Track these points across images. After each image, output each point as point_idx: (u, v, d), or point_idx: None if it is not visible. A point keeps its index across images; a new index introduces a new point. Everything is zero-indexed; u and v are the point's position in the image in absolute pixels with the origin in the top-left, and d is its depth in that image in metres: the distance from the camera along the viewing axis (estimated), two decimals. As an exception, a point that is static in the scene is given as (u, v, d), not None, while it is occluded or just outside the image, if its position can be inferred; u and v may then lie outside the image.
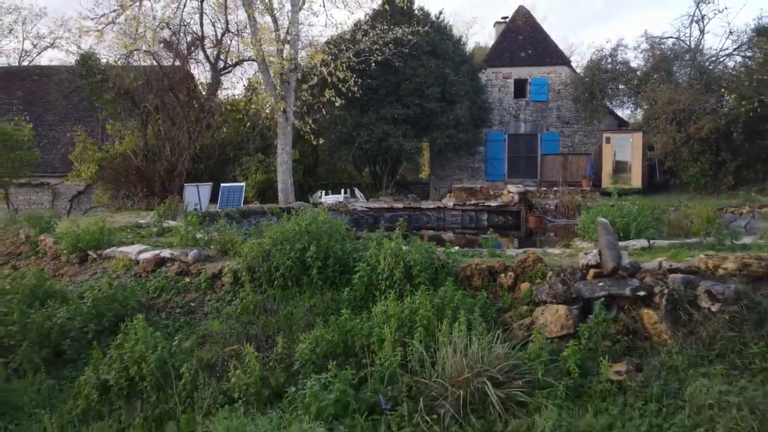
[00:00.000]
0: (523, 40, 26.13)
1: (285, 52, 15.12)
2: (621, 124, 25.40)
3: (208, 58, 20.99)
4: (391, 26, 17.02)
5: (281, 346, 4.23)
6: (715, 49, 23.99)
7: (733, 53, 21.35)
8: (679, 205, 12.50)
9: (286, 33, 15.18)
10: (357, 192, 20.65)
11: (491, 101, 24.60)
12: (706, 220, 8.62)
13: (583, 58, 40.51)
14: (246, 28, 18.02)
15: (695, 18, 22.02)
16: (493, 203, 15.71)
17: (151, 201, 16.04)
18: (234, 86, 49.79)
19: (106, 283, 5.12)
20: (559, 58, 25.96)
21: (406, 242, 5.38)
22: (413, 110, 20.16)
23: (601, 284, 4.38)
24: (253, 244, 5.39)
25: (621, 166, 22.12)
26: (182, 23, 18.72)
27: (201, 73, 22.29)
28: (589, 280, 4.50)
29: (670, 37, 22.59)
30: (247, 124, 20.65)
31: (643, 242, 5.80)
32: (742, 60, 20.50)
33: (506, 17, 27.75)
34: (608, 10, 65.86)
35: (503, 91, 25.73)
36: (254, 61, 16.67)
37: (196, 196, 12.33)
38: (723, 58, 21.47)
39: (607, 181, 20.66)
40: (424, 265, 4.90)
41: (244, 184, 14.44)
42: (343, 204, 15.17)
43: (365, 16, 20.00)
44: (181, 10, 16.99)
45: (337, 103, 15.89)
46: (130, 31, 16.02)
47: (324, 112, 17.05)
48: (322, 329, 4.31)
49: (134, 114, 18.58)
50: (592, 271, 4.54)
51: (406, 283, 4.81)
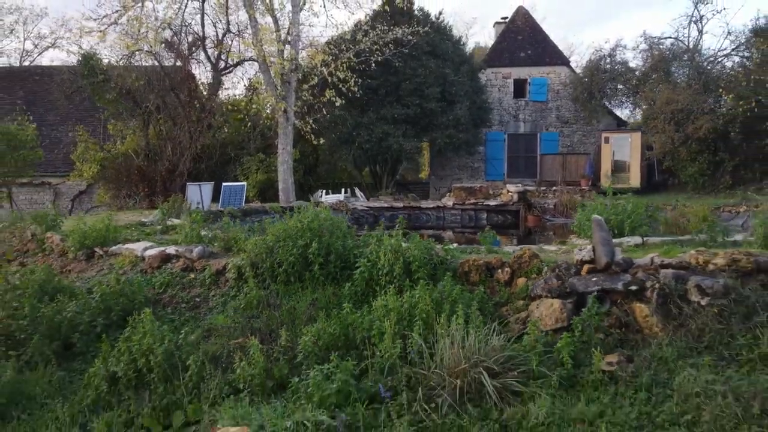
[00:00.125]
0: (523, 41, 26.25)
1: (286, 53, 15.23)
2: (620, 124, 25.51)
3: (209, 59, 21.08)
4: (391, 27, 17.13)
5: (284, 339, 4.37)
6: (714, 50, 24.12)
7: (732, 53, 21.47)
8: (676, 204, 12.63)
9: (287, 33, 15.28)
10: (357, 191, 20.76)
11: (491, 101, 24.73)
12: (702, 218, 8.75)
13: (582, 58, 40.67)
14: (247, 28, 18.16)
15: (694, 18, 22.17)
16: (492, 202, 15.83)
17: (152, 200, 16.17)
18: (235, 86, 50.01)
19: (114, 279, 5.27)
20: (559, 59, 26.08)
21: (405, 239, 5.52)
22: (413, 110, 20.28)
23: (595, 279, 4.52)
24: (257, 241, 5.53)
25: (620, 166, 22.25)
26: (183, 24, 18.83)
27: (202, 74, 22.36)
28: (583, 276, 4.63)
29: (669, 38, 22.74)
30: (248, 124, 20.74)
31: (636, 239, 5.94)
32: (740, 60, 20.61)
33: (506, 17, 27.86)
34: (608, 10, 66.07)
35: (503, 91, 25.86)
36: (255, 61, 16.76)
37: (198, 195, 12.46)
38: (721, 59, 21.60)
39: (606, 181, 20.79)
40: (423, 261, 5.04)
41: (245, 184, 14.55)
42: (343, 203, 15.31)
43: (365, 17, 20.14)
44: (183, 11, 17.13)
45: (337, 103, 16.00)
46: (132, 32, 16.13)
47: (324, 112, 17.17)
48: (324, 323, 4.45)
49: (136, 114, 18.66)
50: (586, 267, 4.67)
51: (406, 279, 4.94)
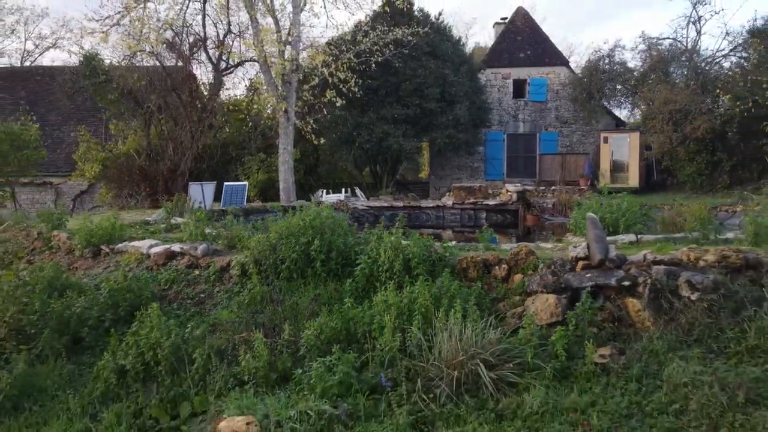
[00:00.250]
0: (522, 41, 26.38)
1: (286, 53, 15.36)
2: (619, 124, 25.65)
3: (210, 59, 21.18)
4: (391, 27, 17.27)
5: (288, 333, 4.50)
6: (712, 50, 24.23)
7: (729, 54, 21.59)
8: (673, 203, 12.77)
9: (288, 34, 15.41)
10: (357, 191, 20.89)
11: (490, 101, 24.86)
12: (699, 218, 8.88)
13: (582, 59, 40.78)
14: (248, 29, 18.23)
15: (692, 19, 22.31)
16: (491, 202, 15.94)
17: (154, 200, 16.29)
18: (236, 86, 50.20)
19: (122, 275, 5.40)
20: (558, 59, 26.22)
21: (405, 237, 5.66)
22: (413, 110, 20.41)
23: (589, 275, 4.65)
24: (260, 239, 5.67)
25: (618, 166, 22.39)
26: (185, 24, 18.93)
27: (203, 74, 22.52)
28: (578, 272, 4.76)
29: (667, 38, 22.87)
30: (249, 124, 20.86)
31: (631, 237, 6.07)
32: (737, 61, 20.72)
33: (505, 18, 27.99)
34: (608, 10, 66.23)
35: (502, 92, 25.99)
36: (256, 61, 16.85)
37: (200, 195, 12.59)
38: (719, 59, 21.72)
39: (605, 180, 20.93)
40: (422, 258, 5.17)
41: (247, 183, 14.69)
42: (344, 203, 15.43)
43: (366, 18, 20.29)
44: (184, 12, 17.23)
45: (337, 104, 16.13)
46: (135, 33, 16.26)
47: (325, 112, 17.31)
48: (326, 317, 4.59)
49: (137, 114, 18.79)
50: (581, 263, 4.80)
51: (405, 275, 5.07)
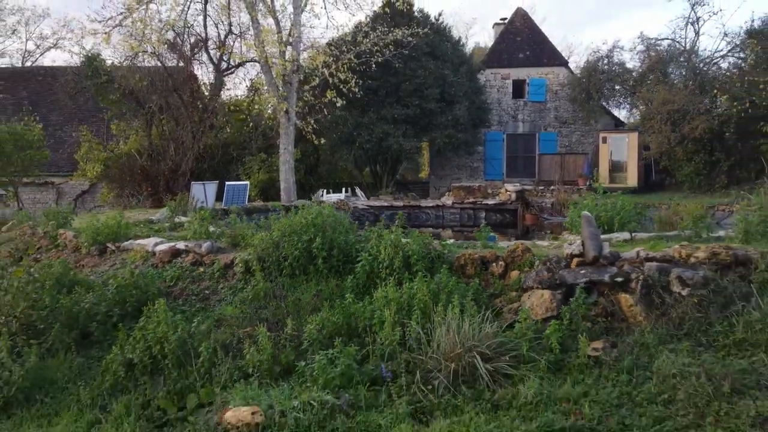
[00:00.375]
0: (522, 42, 26.53)
1: (287, 54, 15.47)
2: (618, 124, 25.79)
3: (211, 60, 21.29)
4: (391, 28, 17.39)
5: (291, 328, 4.64)
6: (710, 51, 24.37)
7: (727, 55, 21.73)
8: (670, 202, 12.92)
9: (288, 35, 15.52)
10: (358, 191, 21.03)
11: (490, 102, 25.00)
12: (695, 216, 9.02)
13: (582, 59, 40.78)
14: (249, 29, 18.35)
15: (690, 20, 22.44)
16: (490, 201, 16.07)
17: (155, 200, 16.44)
18: (237, 87, 50.33)
19: (128, 272, 5.54)
20: (557, 59, 26.37)
21: (405, 235, 5.79)
22: (413, 110, 20.55)
23: (583, 272, 4.79)
24: (264, 236, 5.81)
25: (617, 166, 22.55)
26: (186, 25, 19.06)
27: (204, 74, 22.61)
28: (573, 268, 4.90)
29: (666, 39, 22.99)
30: (250, 124, 20.97)
31: (625, 235, 6.21)
32: (735, 61, 20.86)
33: (505, 18, 28.13)
34: (608, 10, 66.36)
35: (502, 92, 26.14)
36: (257, 62, 16.96)
37: (202, 194, 12.73)
38: (717, 60, 21.86)
39: (604, 180, 21.07)
40: (421, 255, 5.31)
41: (248, 183, 14.83)
42: (344, 202, 15.56)
43: (366, 18, 20.40)
44: (185, 13, 17.35)
45: (338, 104, 16.25)
46: (136, 34, 16.38)
47: (325, 113, 17.44)
48: (328, 312, 4.73)
49: (139, 114, 18.91)
50: (576, 260, 4.94)
51: (405, 271, 5.21)
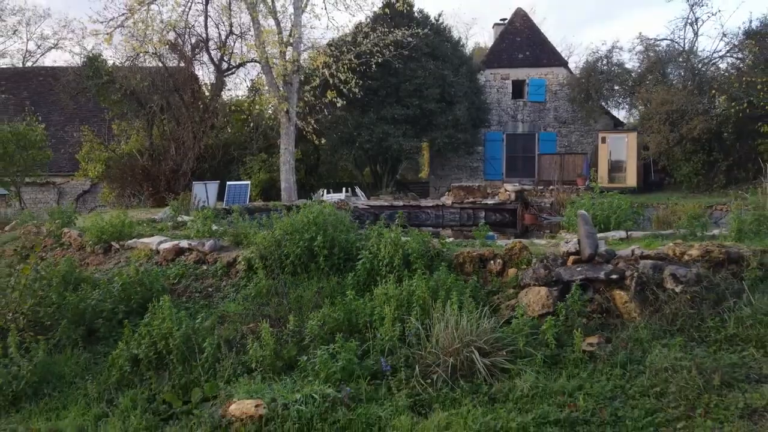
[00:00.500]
0: (521, 42, 26.60)
1: (288, 54, 15.57)
2: (617, 124, 25.86)
3: (212, 60, 21.37)
4: (391, 29, 17.48)
5: (293, 324, 4.74)
6: (709, 51, 24.46)
7: (726, 55, 21.79)
8: (668, 202, 13.03)
9: (289, 35, 15.61)
10: (358, 191, 21.11)
11: (489, 102, 25.09)
12: (690, 215, 9.13)
13: (582, 59, 40.84)
14: (249, 30, 18.44)
15: (689, 20, 22.48)
16: (490, 201, 16.15)
17: (156, 199, 16.53)
18: (237, 87, 50.48)
19: (133, 269, 5.64)
20: (557, 60, 26.43)
21: (404, 233, 5.89)
22: (413, 111, 20.63)
23: (579, 269, 4.89)
24: (266, 235, 5.91)
25: (616, 166, 22.60)
26: (187, 26, 19.16)
27: (205, 75, 22.74)
28: (569, 266, 5.00)
29: (664, 39, 23.04)
30: (251, 125, 21.05)
31: (621, 233, 6.32)
32: (733, 62, 20.93)
33: (505, 19, 28.20)
34: (608, 10, 66.43)
35: (501, 92, 26.21)
36: (257, 62, 17.06)
37: (204, 194, 12.83)
38: (716, 60, 21.93)
39: (603, 180, 21.15)
40: (421, 253, 5.42)
41: (249, 182, 14.92)
42: (344, 202, 15.64)
43: (366, 19, 20.45)
44: (186, 13, 17.44)
45: (338, 104, 16.35)
46: (138, 34, 16.48)
47: (326, 113, 17.54)
48: (329, 309, 4.83)
49: (140, 114, 18.98)
50: (572, 258, 5.04)
51: (404, 269, 5.31)
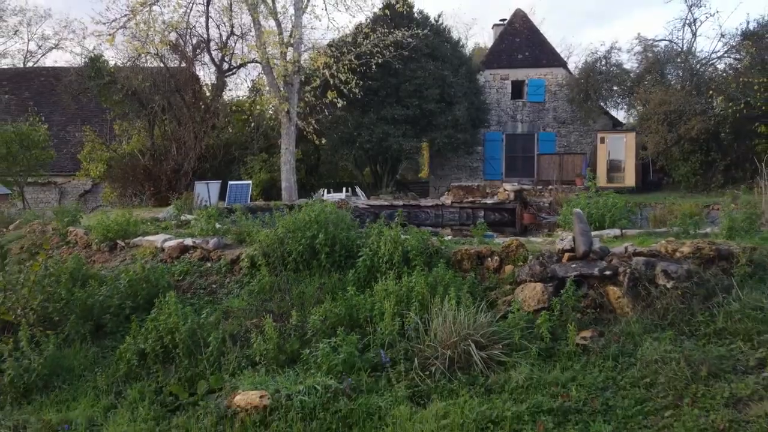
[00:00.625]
0: (521, 43, 26.72)
1: (288, 55, 15.67)
2: (616, 125, 25.98)
3: (213, 61, 21.48)
4: (392, 30, 17.57)
5: (295, 319, 4.88)
6: (707, 52, 24.54)
7: (724, 56, 21.91)
8: (665, 202, 13.17)
9: (290, 36, 15.72)
10: (358, 190, 21.23)
11: (489, 102, 25.20)
12: (683, 214, 9.28)
13: (581, 59, 41.00)
14: (250, 31, 18.55)
15: (687, 21, 22.61)
16: (489, 201, 16.25)
17: (158, 199, 16.65)
18: (238, 87, 50.54)
19: (140, 266, 5.77)
20: (556, 60, 26.55)
21: (404, 231, 6.03)
22: (413, 111, 20.75)
23: (574, 266, 5.03)
24: (268, 233, 6.05)
25: (615, 166, 22.72)
26: (188, 27, 19.28)
27: (206, 75, 22.82)
28: (564, 263, 5.14)
29: (663, 40, 23.16)
30: (251, 125, 21.14)
31: (616, 231, 6.45)
32: (731, 62, 21.06)
33: (504, 20, 28.32)
34: (607, 11, 66.52)
35: (501, 92, 26.33)
36: (258, 63, 17.17)
37: (206, 193, 12.95)
38: (714, 61, 22.05)
39: (602, 180, 21.27)
40: (420, 250, 5.55)
41: (250, 182, 15.04)
42: (345, 201, 15.76)
43: (366, 20, 20.57)
44: (188, 14, 17.56)
45: (338, 104, 16.45)
46: (140, 35, 16.61)
47: (326, 113, 17.65)
48: (331, 304, 4.97)
49: (141, 114, 19.09)
50: (567, 255, 5.17)
51: (404, 266, 5.45)
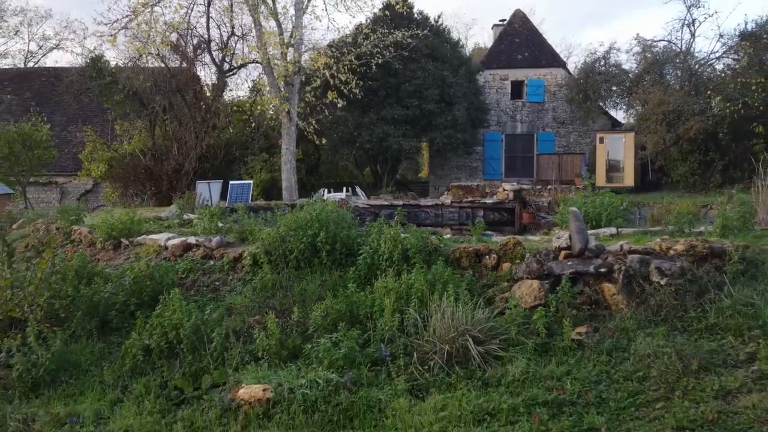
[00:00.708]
0: (520, 43, 26.81)
1: (289, 56, 15.76)
2: (615, 125, 26.07)
3: (214, 61, 21.55)
4: (391, 30, 17.65)
5: (297, 315, 4.98)
6: (705, 52, 24.66)
7: (723, 56, 22.01)
8: (663, 201, 13.30)
9: (290, 37, 15.80)
10: (358, 190, 21.31)
11: (489, 102, 25.28)
12: (680, 213, 9.40)
13: (581, 60, 41.13)
14: (251, 31, 18.64)
15: (686, 22, 22.70)
16: (488, 200, 16.35)
17: (159, 199, 16.75)
18: (239, 88, 50.64)
19: (144, 264, 5.88)
20: (555, 61, 26.65)
21: (403, 230, 6.13)
22: (413, 111, 20.84)
23: (570, 263, 5.13)
24: (271, 231, 6.15)
25: (614, 165, 22.80)
26: (189, 27, 19.36)
27: (207, 75, 22.88)
28: (560, 260, 5.24)
29: (662, 40, 23.25)
30: (252, 125, 21.20)
31: (612, 230, 6.56)
32: (729, 63, 21.15)
33: (504, 20, 28.41)
34: (607, 11, 66.61)
35: (500, 93, 26.42)
36: (259, 63, 17.24)
37: (207, 193, 13.05)
38: (712, 61, 22.14)
39: (601, 180, 21.38)
40: (419, 248, 5.66)
41: (251, 182, 15.13)
42: (345, 201, 15.86)
43: (366, 21, 20.66)
44: (189, 15, 17.65)
45: (339, 105, 16.54)
46: (141, 36, 16.69)
47: (326, 113, 17.74)
48: (332, 301, 5.08)
49: (143, 115, 19.18)
50: (563, 253, 5.28)
51: (403, 263, 5.56)
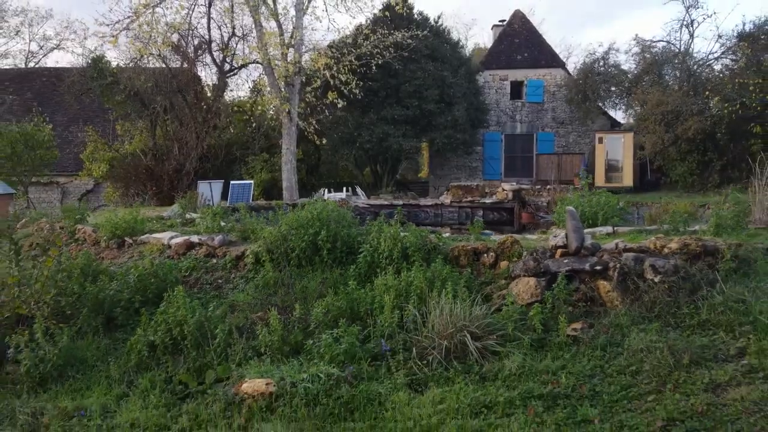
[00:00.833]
0: (520, 43, 26.91)
1: (289, 56, 15.86)
2: (614, 125, 26.18)
3: (214, 61, 21.64)
4: (391, 31, 17.75)
5: (299, 312, 5.09)
6: (704, 53, 24.75)
7: (721, 57, 22.11)
8: (661, 201, 13.41)
9: (291, 37, 15.90)
10: (358, 190, 21.41)
11: (488, 102, 25.39)
12: (675, 212, 9.51)
13: (580, 60, 41.23)
14: (252, 32, 18.74)
15: (685, 22, 22.80)
16: (488, 200, 16.47)
17: (160, 198, 16.85)
18: (239, 88, 50.72)
19: (149, 262, 5.99)
20: (554, 61, 26.75)
21: (403, 229, 6.24)
22: (413, 111, 20.94)
23: (566, 261, 5.23)
24: (272, 230, 6.26)
25: (613, 166, 22.92)
26: (190, 28, 19.45)
27: (208, 76, 22.97)
28: (557, 258, 5.34)
29: (661, 41, 23.35)
30: (253, 125, 21.30)
31: (608, 228, 6.66)
32: (728, 63, 21.25)
33: (503, 20, 28.52)
34: (607, 12, 66.72)
35: (500, 93, 26.53)
36: (259, 64, 17.34)
37: (209, 192, 13.16)
38: (711, 62, 22.24)
39: (600, 180, 21.49)
40: (418, 247, 5.77)
41: (252, 182, 15.24)
42: (345, 201, 15.96)
43: (366, 21, 20.77)
44: (190, 16, 17.75)
45: (339, 105, 16.64)
46: (143, 37, 16.79)
47: (327, 113, 17.84)
48: (333, 298, 5.19)
49: (143, 115, 19.28)
50: (560, 251, 5.38)
51: (403, 261, 5.67)
